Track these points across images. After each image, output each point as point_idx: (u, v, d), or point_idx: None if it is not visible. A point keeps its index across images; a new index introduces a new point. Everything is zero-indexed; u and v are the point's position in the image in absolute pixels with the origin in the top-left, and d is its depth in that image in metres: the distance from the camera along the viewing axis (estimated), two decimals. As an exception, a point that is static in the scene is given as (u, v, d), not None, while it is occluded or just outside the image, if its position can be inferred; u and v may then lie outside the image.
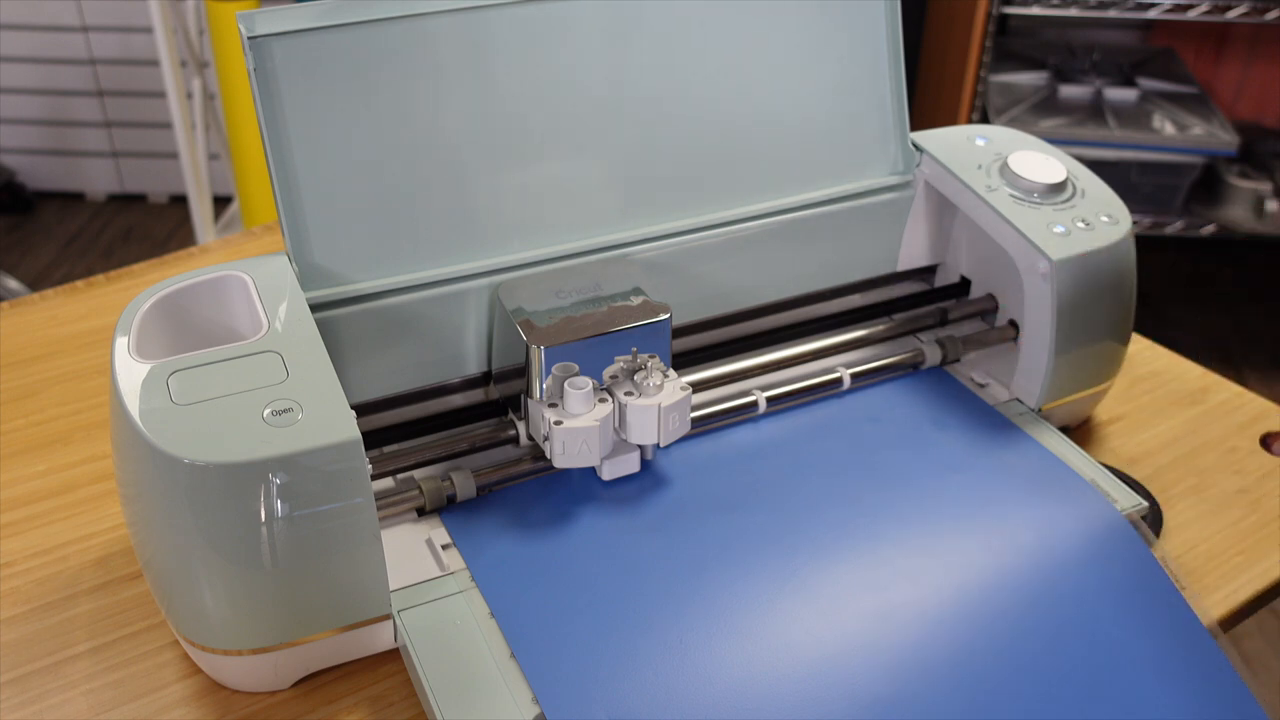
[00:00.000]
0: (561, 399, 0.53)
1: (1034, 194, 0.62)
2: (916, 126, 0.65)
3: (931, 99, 1.90)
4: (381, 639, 0.50)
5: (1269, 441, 0.48)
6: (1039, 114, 1.81)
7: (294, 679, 0.50)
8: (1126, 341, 0.64)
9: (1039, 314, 0.60)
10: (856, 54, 0.63)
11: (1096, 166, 0.84)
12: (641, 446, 0.56)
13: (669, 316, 0.55)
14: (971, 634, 0.49)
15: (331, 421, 0.45)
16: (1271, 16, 1.68)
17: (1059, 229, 0.60)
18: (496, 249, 0.57)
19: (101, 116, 2.23)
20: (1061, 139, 1.74)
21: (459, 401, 0.58)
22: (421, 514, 0.54)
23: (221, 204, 2.05)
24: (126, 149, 2.27)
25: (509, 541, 0.53)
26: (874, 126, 0.64)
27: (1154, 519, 0.59)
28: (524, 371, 0.53)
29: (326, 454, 0.45)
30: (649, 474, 0.57)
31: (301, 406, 0.46)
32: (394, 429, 0.56)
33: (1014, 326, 0.64)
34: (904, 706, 0.46)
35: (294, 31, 0.51)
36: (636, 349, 0.54)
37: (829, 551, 0.53)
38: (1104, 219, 0.61)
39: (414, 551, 0.53)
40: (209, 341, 0.50)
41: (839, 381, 0.62)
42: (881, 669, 0.48)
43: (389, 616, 0.49)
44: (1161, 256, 2.16)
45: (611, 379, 0.54)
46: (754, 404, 0.60)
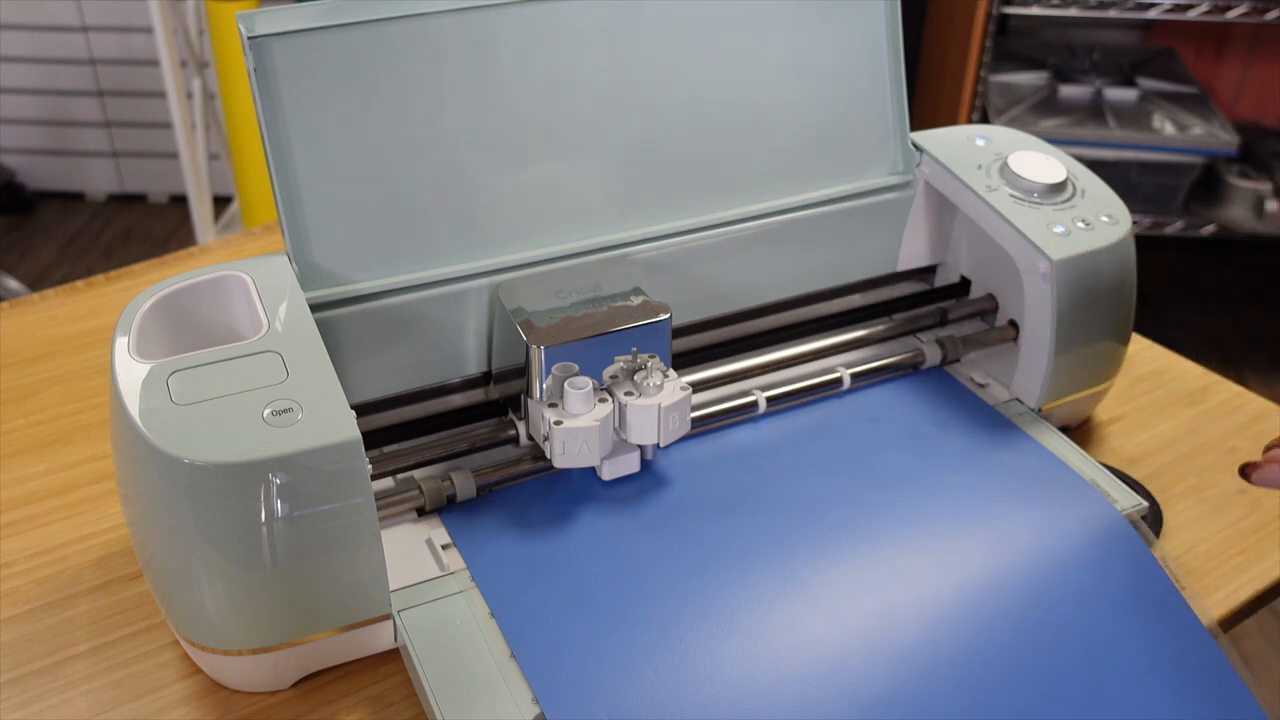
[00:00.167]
0: (561, 399, 0.53)
1: (1034, 194, 0.62)
2: (916, 126, 0.65)
3: (931, 99, 1.90)
4: (381, 639, 0.50)
5: (1247, 471, 0.48)
6: (1039, 114, 1.81)
7: (294, 679, 0.50)
8: (1126, 341, 0.64)
9: (1039, 314, 0.60)
10: (856, 54, 0.63)
11: (1096, 166, 0.84)
12: (641, 446, 0.56)
13: (669, 316, 0.55)
14: (971, 634, 0.49)
15: (331, 421, 0.45)
16: (1271, 16, 1.68)
17: (1059, 229, 0.60)
18: (496, 249, 0.57)
19: (101, 116, 2.23)
20: (1061, 139, 1.74)
21: (459, 401, 0.58)
22: (421, 514, 0.54)
23: (221, 204, 2.05)
24: (126, 149, 2.27)
25: (509, 541, 0.53)
26: (874, 126, 0.64)
27: (1154, 519, 0.59)
28: (524, 371, 0.53)
29: (326, 454, 0.45)
30: (649, 474, 0.57)
31: (301, 406, 0.46)
32: (394, 429, 0.56)
33: (1014, 326, 0.64)
34: (904, 706, 0.46)
35: (294, 31, 0.51)
36: (636, 349, 0.54)
37: (829, 551, 0.53)
38: (1104, 219, 0.61)
39: (414, 551, 0.53)
40: (209, 341, 0.50)
41: (839, 381, 0.62)
42: (881, 669, 0.48)
43: (389, 616, 0.49)
44: (1161, 256, 2.16)
45: (611, 379, 0.54)
46: (754, 404, 0.60)
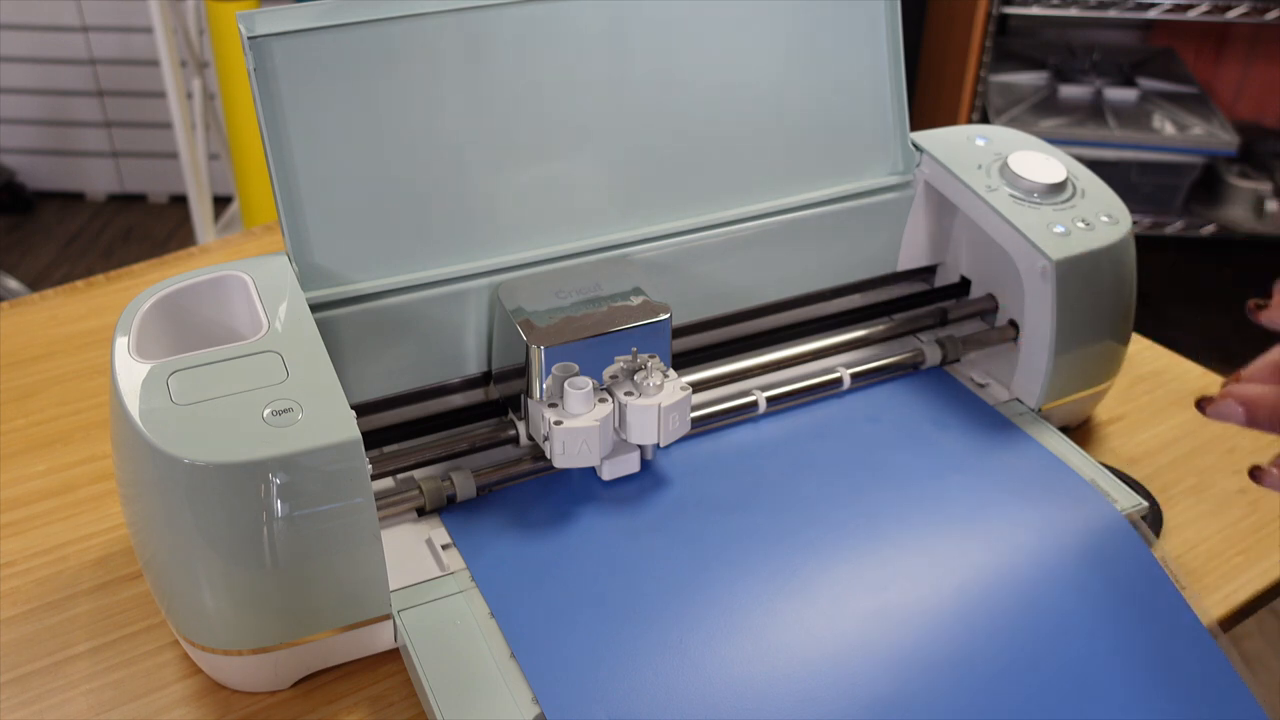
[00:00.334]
0: (561, 399, 0.53)
1: (1034, 194, 0.62)
2: (916, 126, 0.65)
3: (931, 99, 1.90)
4: (381, 639, 0.50)
5: (1258, 475, 0.47)
6: (1039, 114, 1.81)
7: (294, 679, 0.50)
8: (1126, 341, 0.64)
9: (1039, 314, 0.60)
10: (856, 54, 0.63)
11: (1096, 166, 0.84)
12: (641, 446, 0.56)
13: (669, 316, 0.55)
14: (971, 634, 0.49)
15: (331, 421, 0.45)
16: (1271, 16, 1.68)
17: (1059, 229, 0.60)
18: (496, 249, 0.57)
19: (101, 116, 2.23)
20: (1061, 139, 1.74)
21: (459, 401, 0.58)
22: (421, 514, 0.54)
23: (221, 204, 2.06)
24: (126, 149, 2.27)
25: (509, 541, 0.53)
26: (874, 126, 0.64)
27: (1154, 519, 0.59)
28: (524, 371, 0.53)
29: (326, 454, 0.45)
30: (649, 474, 0.57)
31: (301, 406, 0.46)
32: (394, 429, 0.56)
33: (1014, 326, 0.64)
34: (904, 706, 0.46)
35: (294, 31, 0.51)
36: (636, 349, 0.54)
37: (829, 551, 0.53)
38: (1104, 219, 0.61)
39: (414, 551, 0.52)
40: (209, 341, 0.50)
41: (839, 381, 0.62)
42: (881, 669, 0.48)
43: (389, 616, 0.49)
44: (1161, 256, 2.16)
45: (611, 379, 0.54)
46: (754, 404, 0.60)
